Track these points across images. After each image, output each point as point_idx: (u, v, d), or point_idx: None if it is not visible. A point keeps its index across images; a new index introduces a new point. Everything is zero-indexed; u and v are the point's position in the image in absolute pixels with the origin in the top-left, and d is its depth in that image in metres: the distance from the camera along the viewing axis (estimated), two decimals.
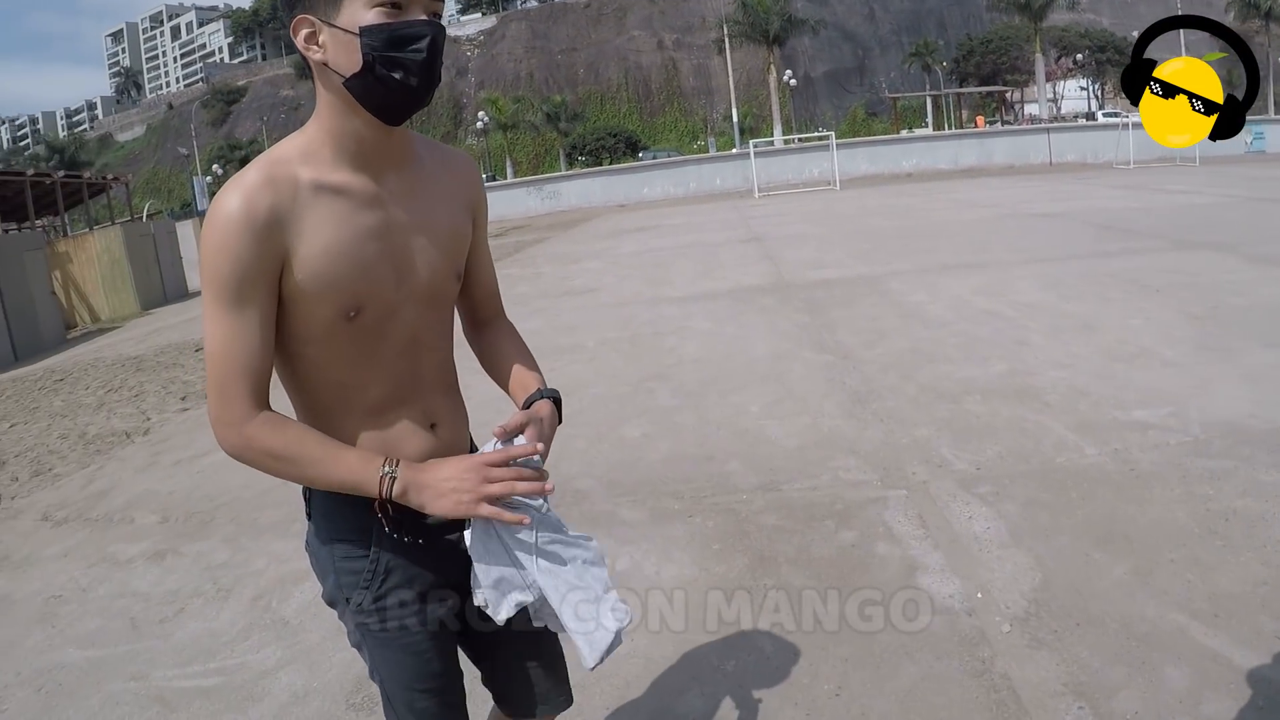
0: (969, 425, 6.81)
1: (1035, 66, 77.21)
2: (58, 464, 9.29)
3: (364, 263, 2.06)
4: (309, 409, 2.20)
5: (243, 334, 1.98)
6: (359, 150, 2.06)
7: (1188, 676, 3.64)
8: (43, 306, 22.08)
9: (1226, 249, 13.59)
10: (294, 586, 5.52)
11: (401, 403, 2.22)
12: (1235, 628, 3.93)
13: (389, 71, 1.92)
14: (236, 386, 2.00)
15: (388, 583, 2.21)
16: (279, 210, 1.96)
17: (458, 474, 2.03)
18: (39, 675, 4.84)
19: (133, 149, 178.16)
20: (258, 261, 1.95)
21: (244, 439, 2.01)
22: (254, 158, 2.10)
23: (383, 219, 2.10)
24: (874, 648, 4.12)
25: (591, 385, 9.34)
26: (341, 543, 2.22)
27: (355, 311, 2.06)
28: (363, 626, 2.27)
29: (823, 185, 43.75)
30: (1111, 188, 27.69)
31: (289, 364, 2.14)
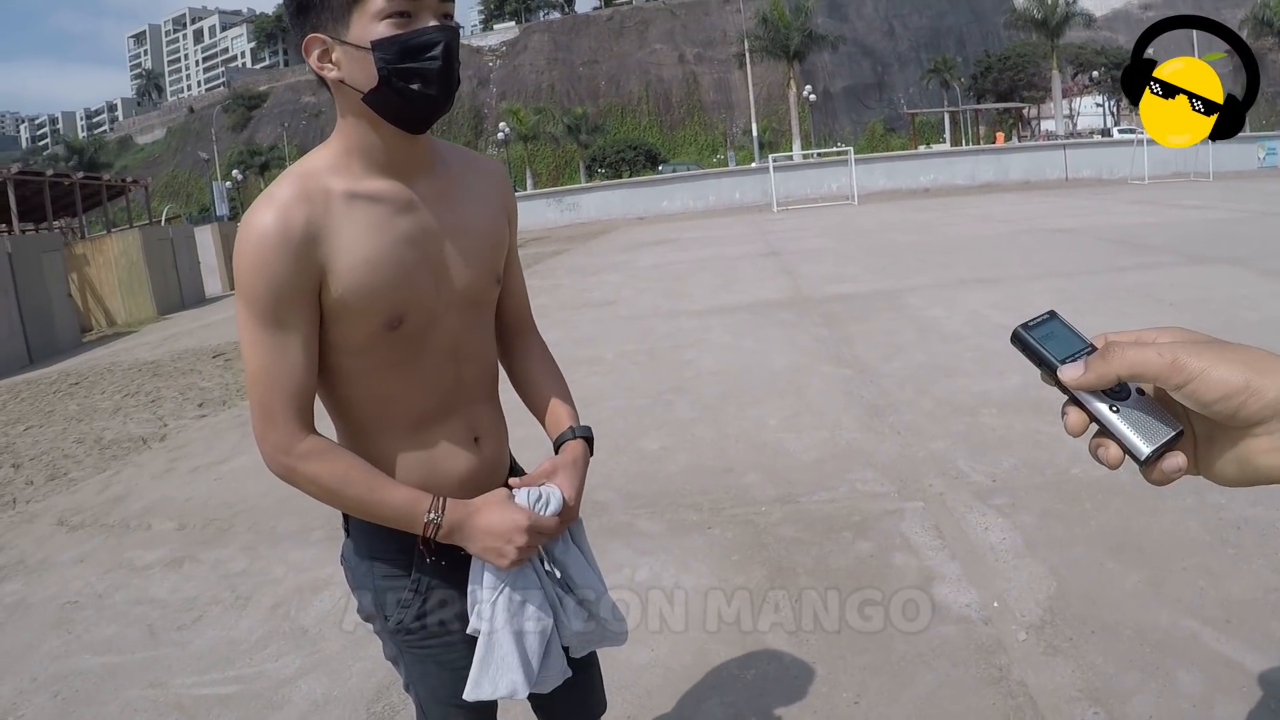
0: (985, 438, 6.85)
1: (1052, 83, 77.06)
2: (73, 468, 9.29)
3: (404, 269, 2.04)
4: (350, 426, 2.19)
5: (285, 355, 1.97)
6: (387, 160, 2.04)
7: (1200, 681, 3.68)
8: (59, 309, 22.04)
9: (1240, 264, 13.60)
10: (313, 595, 5.54)
11: (445, 415, 2.21)
12: (1247, 633, 3.98)
13: (406, 83, 1.90)
14: (281, 409, 1.98)
15: (428, 603, 2.20)
16: (315, 224, 1.94)
17: (499, 532, 2.04)
18: (56, 681, 4.85)
19: (152, 152, 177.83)
20: (296, 279, 1.93)
21: (289, 464, 2.01)
22: (274, 163, 2.12)
23: (418, 224, 2.08)
24: (891, 656, 4.16)
25: (610, 397, 9.38)
26: (381, 561, 2.21)
27: (399, 321, 2.04)
28: (403, 644, 2.27)
29: (841, 200, 43.75)
30: (1127, 203, 27.67)
31: (329, 378, 2.12)
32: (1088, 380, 1.04)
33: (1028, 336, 1.11)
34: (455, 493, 2.16)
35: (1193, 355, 0.97)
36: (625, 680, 4.12)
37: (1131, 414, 1.04)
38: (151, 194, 50.69)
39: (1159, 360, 0.99)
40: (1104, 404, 1.05)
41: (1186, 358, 0.98)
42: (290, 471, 2.02)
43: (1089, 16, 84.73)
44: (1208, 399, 0.97)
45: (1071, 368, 1.06)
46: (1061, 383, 1.06)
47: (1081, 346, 1.08)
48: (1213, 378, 0.96)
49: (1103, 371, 1.03)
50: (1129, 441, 1.03)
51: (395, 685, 4.37)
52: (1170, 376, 0.98)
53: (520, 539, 2.03)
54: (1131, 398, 1.04)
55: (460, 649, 2.25)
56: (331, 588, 5.59)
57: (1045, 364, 1.08)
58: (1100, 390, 1.05)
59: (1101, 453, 1.05)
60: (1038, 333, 1.11)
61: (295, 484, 2.05)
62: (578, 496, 2.18)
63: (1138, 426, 1.03)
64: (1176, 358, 0.98)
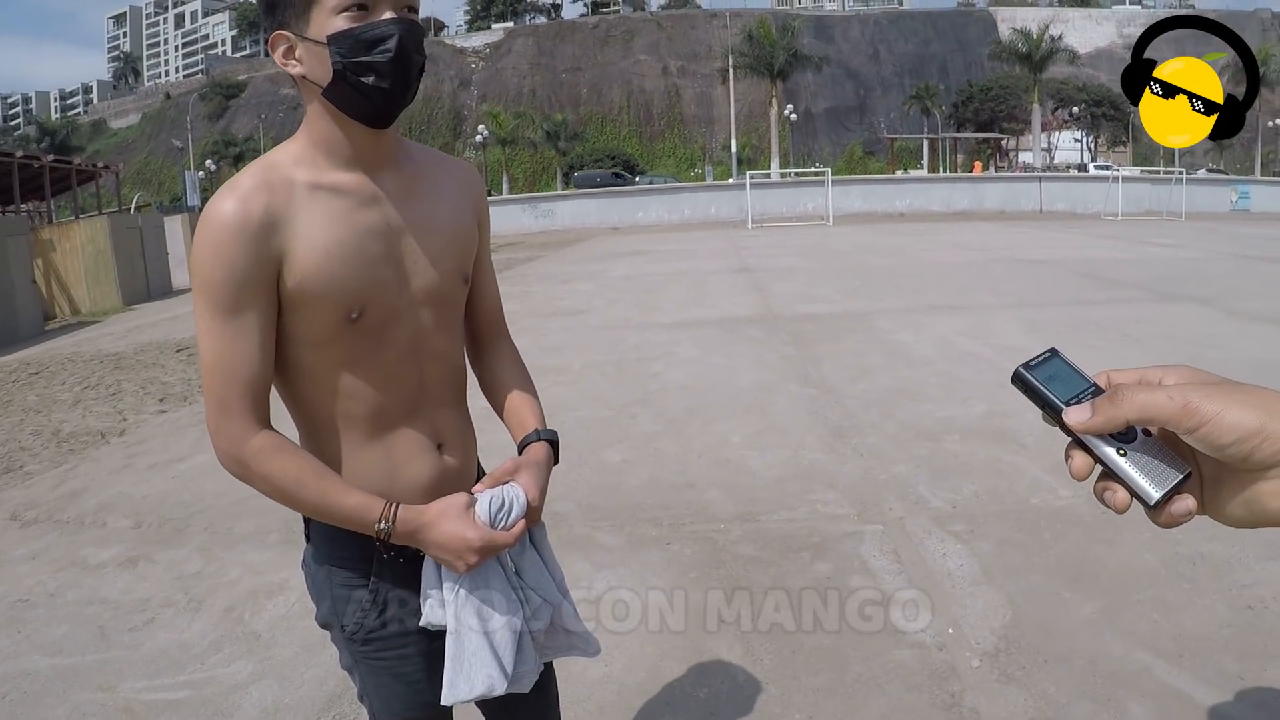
0: (947, 464, 6.87)
1: (1032, 116, 77.36)
2: (29, 461, 9.15)
3: (365, 261, 2.03)
4: (309, 426, 2.17)
5: (240, 345, 1.95)
6: (352, 154, 2.05)
7: (1151, 713, 3.71)
8: (22, 295, 21.61)
9: (1207, 303, 13.76)
10: (267, 599, 5.49)
11: (406, 418, 2.18)
12: (1199, 667, 4.01)
13: (359, 77, 1.92)
14: (235, 401, 1.96)
15: (386, 613, 2.19)
16: (274, 212, 1.94)
17: (450, 549, 2.01)
18: (3, 682, 4.76)
19: (126, 137, 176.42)
20: (254, 268, 1.92)
21: (243, 459, 1.98)
22: (248, 155, 2.11)
23: (382, 218, 2.08)
24: (845, 678, 4.16)
25: (574, 408, 9.36)
26: (340, 568, 2.19)
27: (358, 313, 2.02)
28: (357, 653, 2.25)
29: (816, 220, 43.82)
30: (1099, 238, 27.89)
31: (288, 374, 2.10)
32: (1095, 425, 1.01)
33: (1029, 377, 1.08)
34: (417, 500, 2.12)
35: (1205, 398, 0.95)
36: (579, 695, 4.11)
37: (1139, 457, 1.01)
38: (122, 181, 50.36)
39: (1170, 404, 0.97)
40: (1111, 448, 1.02)
41: (1199, 401, 0.95)
42: (243, 467, 1.99)
43: (1073, 53, 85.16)
44: (1221, 443, 0.95)
45: (1077, 411, 1.03)
46: (1066, 426, 1.04)
47: (1085, 386, 1.06)
48: (1227, 422, 0.94)
49: (1111, 415, 1.00)
50: (1137, 486, 1.00)
51: (348, 694, 4.34)
52: (1182, 420, 0.96)
53: (471, 557, 2.01)
54: (1138, 440, 1.02)
55: (416, 661, 2.23)
56: (286, 592, 5.54)
57: (1049, 406, 1.06)
58: (1107, 434, 1.02)
59: (1108, 496, 1.03)
60: (1039, 373, 1.09)
61: (248, 481, 2.02)
62: (540, 498, 2.15)
63: (1146, 470, 1.01)
64: (1189, 401, 0.96)
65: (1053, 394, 1.06)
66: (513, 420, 2.38)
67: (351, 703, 4.26)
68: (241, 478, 2.02)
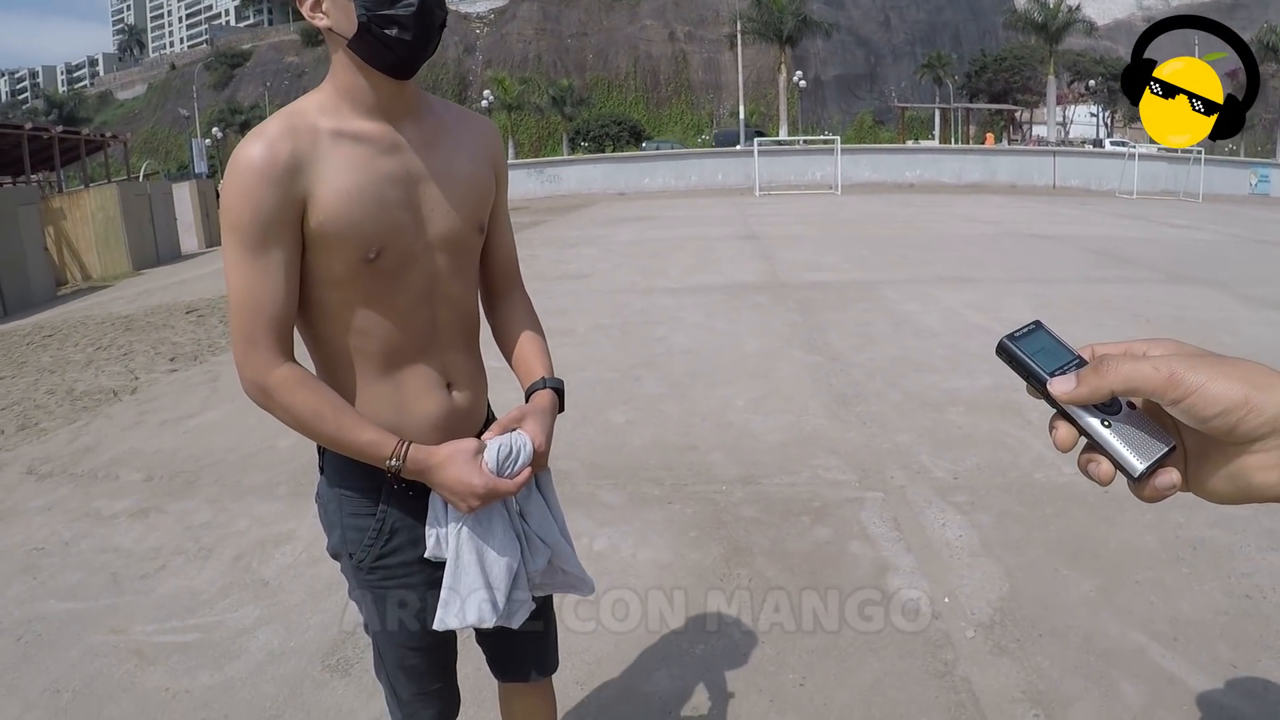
0: (950, 435, 6.89)
1: (1047, 89, 76.94)
2: (44, 419, 9.23)
3: (384, 206, 2.11)
4: (326, 361, 2.25)
5: (266, 281, 2.03)
6: (375, 103, 2.13)
7: (1143, 694, 3.72)
8: (34, 262, 21.78)
9: (1221, 286, 13.62)
10: (274, 548, 5.57)
11: (418, 357, 2.26)
12: (1193, 652, 4.01)
13: (384, 29, 2.00)
14: (261, 334, 2.04)
15: (392, 542, 2.26)
16: (300, 155, 2.02)
17: (455, 490, 2.13)
18: (19, 625, 4.85)
19: (132, 108, 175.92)
20: (280, 208, 2.00)
21: (265, 389, 2.06)
22: (254, 122, 2.17)
23: (402, 165, 2.16)
24: (840, 642, 4.20)
25: (580, 369, 9.38)
26: (351, 497, 2.26)
27: (375, 253, 2.10)
28: (364, 582, 2.33)
29: (824, 189, 43.64)
30: (1113, 215, 27.75)
31: (309, 311, 2.18)
32: (1080, 395, 1.01)
33: (1014, 348, 1.08)
34: (426, 436, 2.23)
35: (1190, 369, 0.95)
36: (576, 647, 4.14)
37: (1124, 429, 1.01)
38: (130, 150, 50.38)
39: (1155, 375, 0.96)
40: (1096, 419, 1.02)
41: (1184, 372, 0.95)
42: (266, 397, 2.08)
43: (1090, 24, 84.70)
44: (1206, 414, 0.95)
45: (1062, 381, 1.03)
46: (1051, 396, 1.04)
47: (1070, 358, 1.06)
48: (1212, 393, 0.94)
49: (1096, 386, 1.00)
50: (1122, 458, 1.00)
51: (351, 640, 4.41)
52: (1167, 391, 0.96)
53: (474, 501, 2.11)
54: (1123, 412, 1.02)
55: (420, 591, 2.31)
56: (294, 542, 5.61)
57: (1033, 377, 1.06)
58: (1092, 405, 1.02)
59: (1092, 468, 1.03)
60: (1024, 344, 1.08)
61: (270, 410, 2.11)
62: (546, 444, 2.23)
63: (1131, 442, 1.01)
64: (1174, 372, 0.96)
65: (1037, 365, 1.06)
66: (521, 368, 2.46)
67: (355, 647, 4.33)
68: (265, 406, 2.11)
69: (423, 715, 2.50)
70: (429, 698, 2.49)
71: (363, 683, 4.07)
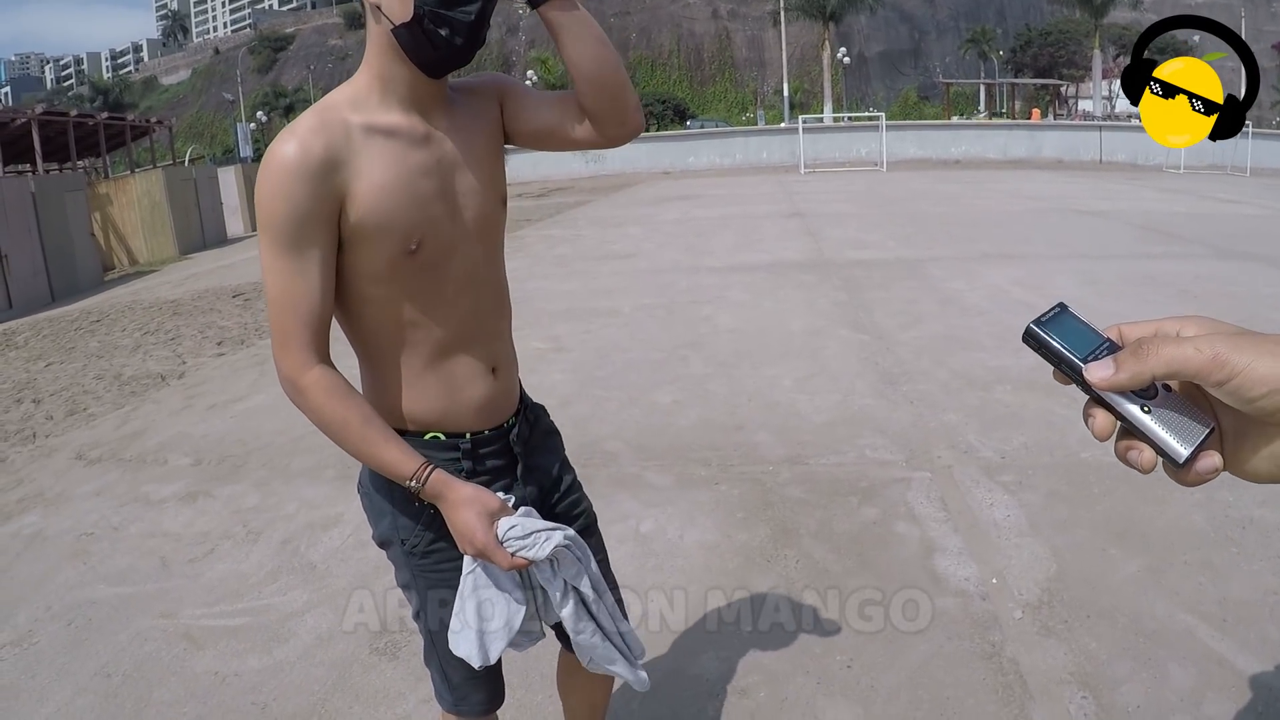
0: (997, 414, 6.85)
1: (1092, 63, 76.03)
2: (92, 404, 9.33)
3: (420, 198, 2.12)
4: (371, 355, 2.27)
5: (301, 280, 2.04)
6: (407, 93, 2.14)
7: (1192, 676, 3.69)
8: (81, 248, 22.11)
9: (1270, 262, 13.46)
10: (322, 532, 5.62)
11: (464, 345, 2.28)
12: (1242, 633, 3.98)
13: (436, 27, 2.00)
14: (296, 333, 2.06)
15: (444, 526, 2.26)
16: (333, 152, 2.02)
17: (459, 530, 2.16)
18: (69, 610, 4.92)
19: (177, 93, 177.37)
20: (315, 204, 2.01)
21: (299, 388, 2.09)
22: (298, 105, 2.18)
23: (433, 157, 2.18)
24: (887, 624, 4.20)
25: (626, 349, 9.42)
26: (400, 485, 2.25)
27: (416, 245, 2.12)
28: (415, 567, 2.36)
29: (869, 166, 43.46)
30: (1159, 190, 27.46)
31: (352, 308, 2.20)
32: (1120, 381, 0.97)
33: (1043, 334, 1.05)
34: (471, 420, 2.31)
35: (1234, 350, 0.92)
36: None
37: (1165, 414, 0.97)
38: (175, 135, 50.85)
39: (1198, 356, 0.92)
40: (1135, 405, 0.98)
41: (1229, 353, 0.91)
42: (299, 395, 2.11)
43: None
44: (1252, 395, 0.91)
45: (1100, 367, 0.99)
46: (1087, 383, 1.00)
47: (1100, 342, 1.02)
48: (1259, 373, 0.90)
49: (1137, 371, 0.96)
50: (1165, 444, 0.96)
51: (400, 623, 4.42)
52: (1212, 373, 0.92)
53: (469, 549, 2.16)
54: (1160, 395, 0.98)
55: None
56: (341, 525, 5.66)
57: (1065, 363, 1.02)
58: (1130, 390, 0.98)
59: (1133, 455, 0.99)
60: (1053, 328, 1.05)
61: (301, 409, 2.14)
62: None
63: (1173, 427, 0.97)
64: (1218, 353, 0.92)
65: (1070, 351, 1.03)
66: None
67: (403, 629, 4.35)
68: (296, 404, 2.14)
69: (473, 699, 2.53)
70: (479, 681, 2.51)
71: (410, 666, 4.10)
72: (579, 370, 8.57)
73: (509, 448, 2.43)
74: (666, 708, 3.75)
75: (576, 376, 8.46)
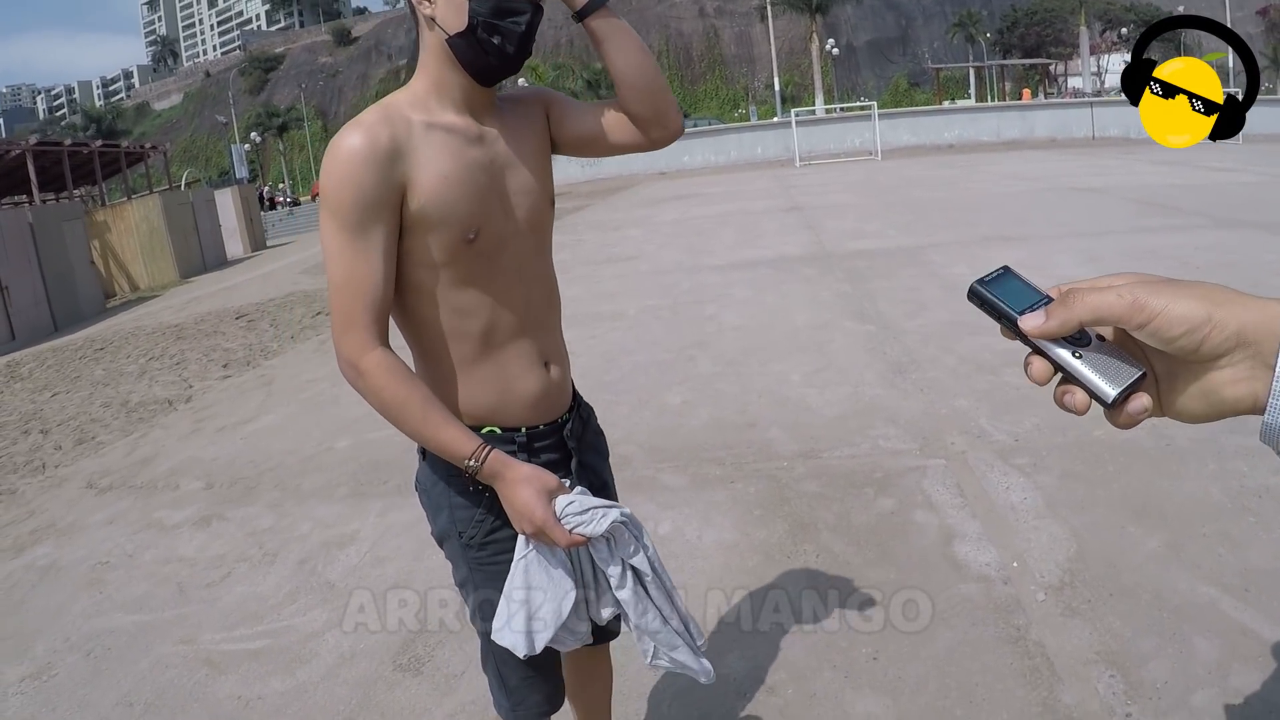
0: (1008, 397, 6.84)
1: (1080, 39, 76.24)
2: (101, 432, 9.34)
3: (477, 191, 2.22)
4: (425, 342, 2.33)
5: (365, 263, 2.12)
6: (462, 98, 2.27)
7: (1217, 648, 3.69)
8: (82, 276, 22.12)
9: (1268, 229, 13.41)
10: (339, 550, 5.62)
11: (516, 336, 2.36)
12: (1265, 603, 3.97)
13: (488, 36, 2.14)
14: (359, 315, 2.13)
15: (502, 517, 2.31)
16: (398, 142, 2.13)
17: (516, 509, 2.20)
18: (88, 640, 4.92)
19: (170, 117, 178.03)
20: (380, 191, 2.10)
21: (360, 370, 2.15)
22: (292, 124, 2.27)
23: (487, 155, 2.29)
24: (911, 613, 4.19)
25: (633, 352, 9.42)
26: (457, 478, 2.32)
27: (474, 234, 2.21)
28: (472, 561, 2.40)
29: (864, 155, 43.44)
30: (1154, 164, 27.35)
31: (406, 295, 2.26)
32: (1050, 328, 1.05)
33: (985, 291, 1.13)
34: (525, 414, 2.38)
35: (1152, 294, 0.99)
36: None
37: (1094, 358, 1.05)
38: (170, 159, 50.95)
39: (1119, 302, 1.00)
40: (1066, 350, 1.05)
41: (1147, 297, 0.99)
42: (359, 376, 2.17)
43: None
44: (1171, 335, 0.99)
45: (1032, 317, 1.07)
46: (1023, 333, 1.08)
47: (1039, 298, 1.10)
48: (1175, 314, 0.98)
49: (1065, 318, 1.03)
50: (1094, 385, 1.04)
51: (420, 639, 4.44)
52: (1133, 316, 1.00)
53: (528, 527, 2.19)
54: (1093, 343, 1.06)
55: None
56: (358, 543, 5.67)
57: (1004, 317, 1.10)
58: (1062, 338, 1.06)
59: (1068, 399, 1.06)
60: (994, 288, 1.13)
61: (361, 391, 2.20)
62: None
63: (1102, 370, 1.04)
64: (1137, 298, 1.00)
65: (1008, 305, 1.10)
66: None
67: (425, 646, 4.37)
68: (356, 387, 2.21)
69: (530, 700, 2.55)
70: (535, 681, 2.54)
71: (435, 680, 4.10)
72: (588, 375, 8.57)
73: (563, 442, 2.49)
74: (696, 709, 3.75)
75: (585, 381, 8.33)
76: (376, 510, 6.13)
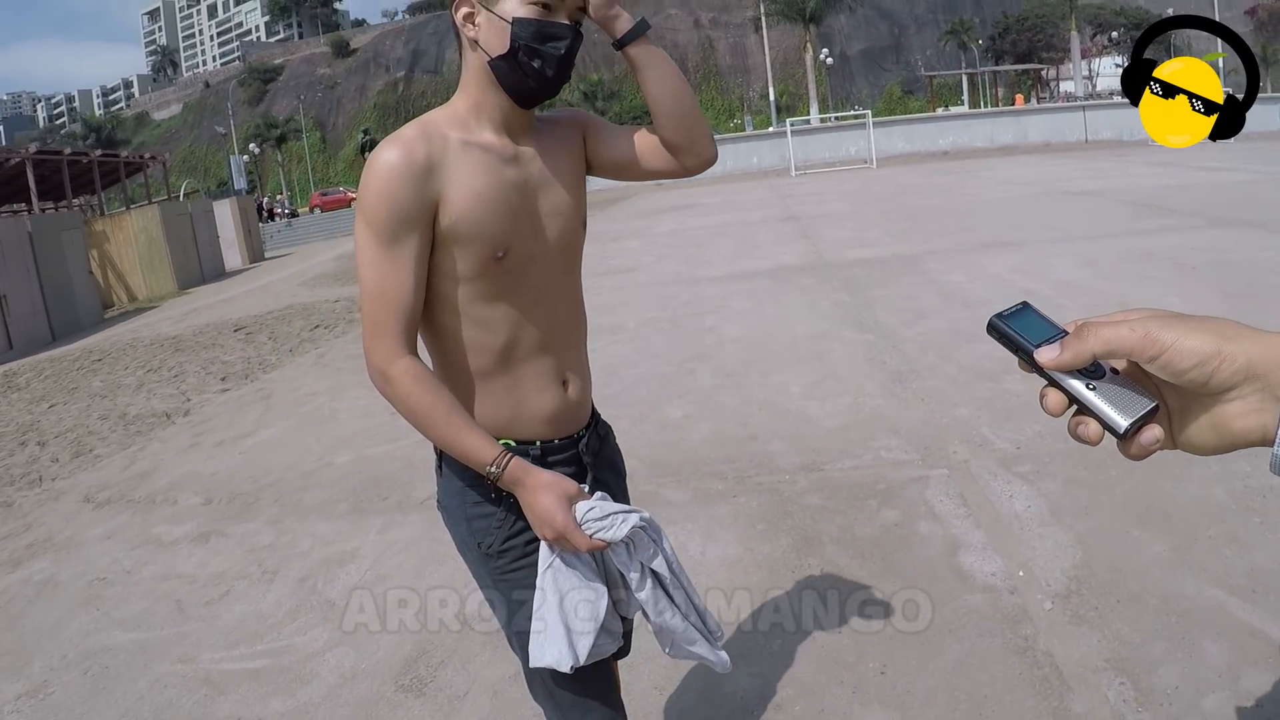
0: (1009, 404, 6.82)
1: (1070, 44, 76.35)
2: (98, 445, 9.33)
3: (509, 210, 2.27)
4: (445, 354, 2.37)
5: (397, 274, 2.17)
6: (500, 119, 2.33)
7: (1226, 651, 3.67)
8: (80, 286, 22.17)
9: (1263, 227, 13.46)
10: (339, 568, 5.59)
11: (537, 352, 2.39)
12: (1273, 603, 3.95)
13: (529, 60, 2.20)
14: (389, 323, 2.18)
15: (519, 523, 2.33)
16: (434, 158, 2.18)
17: (537, 515, 2.21)
18: (85, 658, 4.90)
19: (169, 127, 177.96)
20: (415, 204, 2.15)
21: (388, 377, 2.19)
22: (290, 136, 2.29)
23: (521, 175, 2.33)
24: (918, 626, 4.16)
25: (633, 365, 9.40)
26: (474, 489, 2.35)
27: (504, 252, 2.25)
28: (494, 571, 2.40)
29: (859, 164, 43.58)
30: (1148, 165, 27.42)
31: (431, 306, 2.30)
32: (1064, 360, 1.07)
33: (1003, 325, 1.15)
34: (539, 430, 2.41)
35: (1164, 328, 1.02)
36: (653, 650, 4.10)
37: (1108, 390, 1.07)
38: (169, 169, 51.08)
39: (1131, 335, 1.03)
40: (1080, 382, 1.08)
41: (1159, 331, 1.02)
42: (388, 383, 2.21)
43: None
44: (1181, 368, 1.01)
45: (1048, 350, 1.09)
46: (1039, 365, 1.10)
47: (1055, 332, 1.12)
48: (1185, 347, 1.00)
49: (1078, 350, 1.06)
50: (1107, 416, 1.06)
51: (424, 657, 4.41)
52: (1145, 349, 1.02)
53: (548, 533, 2.21)
54: (1106, 375, 1.08)
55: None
56: (358, 560, 5.64)
57: (1021, 350, 1.12)
58: (1076, 370, 1.08)
59: (1081, 430, 1.09)
60: (1013, 322, 1.15)
61: (389, 397, 2.25)
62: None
63: (1115, 402, 1.07)
64: (1149, 331, 1.02)
65: (1025, 339, 1.12)
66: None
67: (427, 665, 4.35)
68: (384, 393, 2.25)
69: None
70: (592, 703, 2.50)
71: (438, 701, 4.08)
72: None
73: (578, 457, 2.50)
74: None
75: None
76: (377, 527, 6.11)
